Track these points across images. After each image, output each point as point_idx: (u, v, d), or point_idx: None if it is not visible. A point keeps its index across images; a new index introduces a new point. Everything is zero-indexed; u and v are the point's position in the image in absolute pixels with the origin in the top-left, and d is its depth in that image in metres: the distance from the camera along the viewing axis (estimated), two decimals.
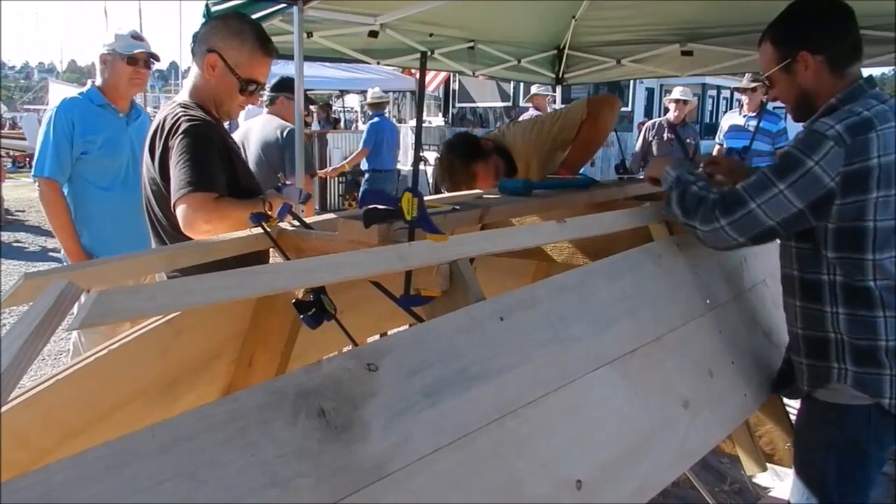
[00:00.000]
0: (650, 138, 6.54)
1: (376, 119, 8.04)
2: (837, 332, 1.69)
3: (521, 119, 6.03)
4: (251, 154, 4.36)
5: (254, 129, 4.44)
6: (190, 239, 1.82)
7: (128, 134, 2.97)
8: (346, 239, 1.51)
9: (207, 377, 1.82)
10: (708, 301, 1.86)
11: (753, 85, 6.07)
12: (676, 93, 6.48)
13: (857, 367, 1.67)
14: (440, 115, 15.82)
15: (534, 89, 7.84)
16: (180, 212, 1.86)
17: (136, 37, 3.04)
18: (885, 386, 1.65)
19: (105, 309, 0.95)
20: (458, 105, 14.66)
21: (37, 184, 2.89)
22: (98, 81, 3.01)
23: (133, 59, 2.97)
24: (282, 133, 4.25)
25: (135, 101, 3.15)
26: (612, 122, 2.78)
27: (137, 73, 3.02)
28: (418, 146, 1.43)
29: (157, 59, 3.10)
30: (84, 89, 3.03)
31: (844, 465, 1.72)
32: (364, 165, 8.04)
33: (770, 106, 7.24)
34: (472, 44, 5.00)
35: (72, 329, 0.99)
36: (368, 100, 8.45)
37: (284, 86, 4.53)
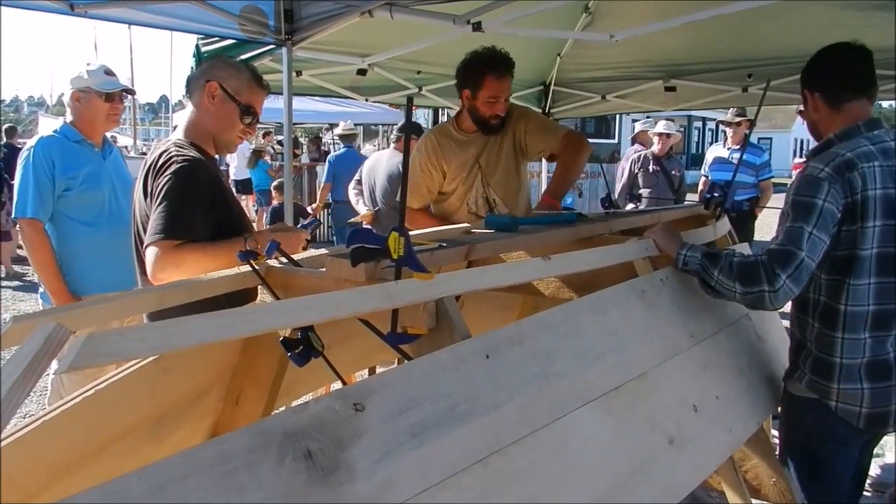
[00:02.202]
0: (636, 170, 6.62)
1: (341, 151, 8.19)
2: (810, 341, 1.98)
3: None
4: (379, 185, 5.35)
5: (381, 161, 5.61)
6: None
7: (106, 168, 2.97)
8: (334, 277, 1.53)
9: (195, 415, 1.81)
10: (692, 336, 1.89)
11: (738, 120, 6.19)
12: (660, 126, 6.57)
13: (812, 374, 1.97)
14: None
15: (639, 126, 7.50)
16: (147, 258, 1.92)
17: (109, 72, 3.01)
18: (831, 394, 1.93)
19: (93, 351, 0.96)
20: None
21: (18, 226, 2.89)
22: (69, 118, 2.98)
23: (110, 95, 2.95)
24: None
25: (105, 135, 3.12)
26: (583, 163, 3.12)
27: (114, 108, 3.00)
28: (404, 187, 1.45)
29: (132, 93, 3.13)
30: (57, 126, 2.98)
31: (804, 445, 2.05)
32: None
33: (754, 139, 7.35)
34: None
35: (60, 373, 1.00)
36: (339, 132, 8.57)
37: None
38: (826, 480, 2.00)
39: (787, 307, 2.01)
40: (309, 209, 10.94)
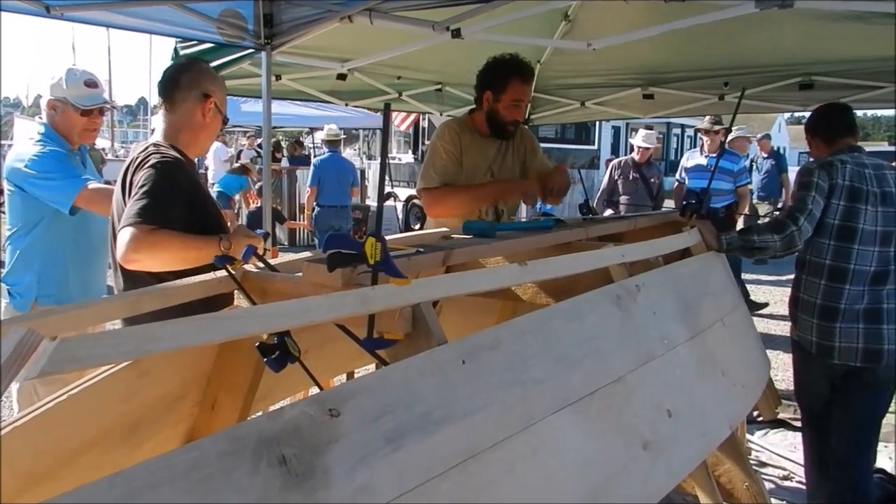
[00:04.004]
0: (616, 177, 6.69)
1: (325, 156, 8.20)
2: (818, 297, 2.72)
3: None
4: None
5: None
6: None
7: (85, 174, 2.90)
8: (311, 282, 1.53)
9: (171, 420, 1.80)
10: (666, 341, 1.91)
11: (716, 128, 6.27)
12: (640, 139, 6.64)
13: (819, 319, 2.71)
14: (409, 152, 15.97)
15: (734, 133, 7.29)
16: (118, 241, 1.86)
17: (91, 83, 2.80)
18: (834, 334, 2.66)
19: (65, 356, 0.95)
20: (427, 143, 14.84)
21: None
22: (45, 119, 2.80)
23: (88, 110, 2.77)
24: None
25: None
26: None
27: (92, 123, 2.83)
28: (381, 191, 1.46)
29: (113, 107, 3.03)
30: (36, 130, 2.79)
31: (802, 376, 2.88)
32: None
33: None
34: (439, 86, 5.10)
35: (30, 378, 0.99)
36: (323, 136, 8.56)
37: None
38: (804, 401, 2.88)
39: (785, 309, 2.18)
40: (293, 222, 10.91)
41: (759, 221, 2.92)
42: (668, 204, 8.05)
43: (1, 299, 2.85)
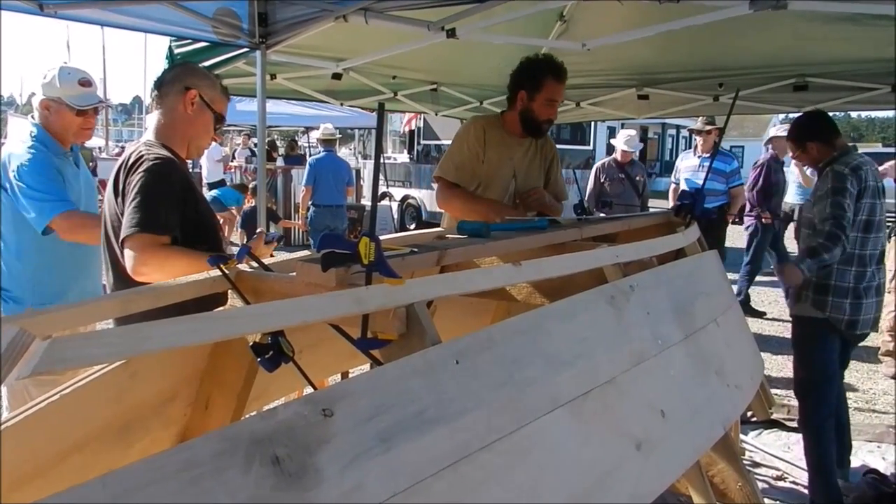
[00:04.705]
0: (602, 179, 6.70)
1: (320, 155, 8.21)
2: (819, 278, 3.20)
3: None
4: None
5: None
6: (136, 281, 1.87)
7: (78, 177, 2.84)
8: (305, 281, 1.53)
9: (163, 420, 1.80)
10: (660, 342, 1.91)
11: (708, 128, 6.28)
12: (622, 142, 6.62)
13: (815, 293, 3.25)
14: (405, 151, 15.96)
15: (772, 132, 7.30)
16: (125, 252, 1.92)
17: (85, 82, 2.76)
18: (826, 305, 3.21)
19: (57, 356, 0.95)
20: (423, 142, 14.83)
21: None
22: (37, 118, 2.76)
23: (83, 110, 2.74)
24: None
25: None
26: None
27: (87, 122, 2.80)
28: (375, 191, 1.46)
29: (108, 106, 3.00)
30: (28, 131, 2.73)
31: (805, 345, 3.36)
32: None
33: (727, 147, 7.41)
34: (434, 86, 5.10)
35: (22, 377, 0.99)
36: (319, 135, 8.57)
37: None
38: (817, 368, 3.25)
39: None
40: (287, 222, 10.93)
41: (810, 237, 3.34)
42: (654, 202, 8.10)
43: None
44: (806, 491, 3.36)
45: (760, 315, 7.12)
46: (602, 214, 6.05)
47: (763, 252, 7.11)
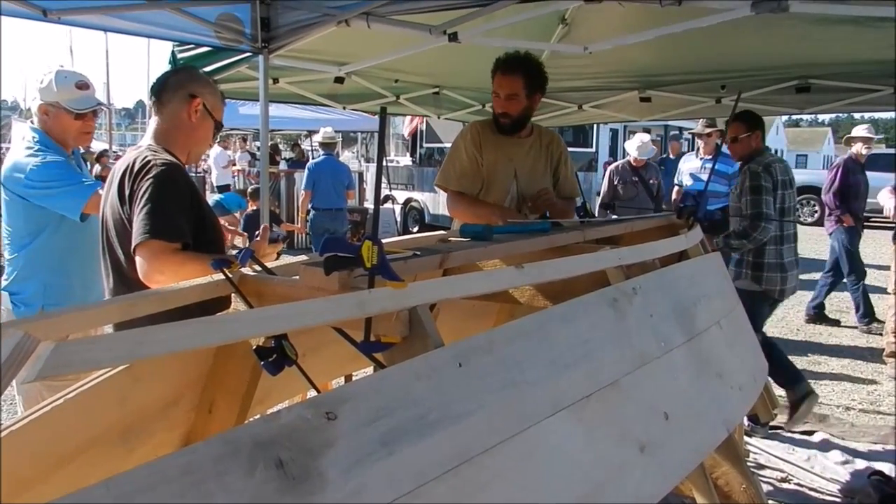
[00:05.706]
0: (616, 182, 6.69)
1: (319, 159, 8.25)
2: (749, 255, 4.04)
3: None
4: None
5: None
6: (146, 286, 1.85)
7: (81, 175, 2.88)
8: (308, 285, 1.53)
9: (166, 424, 1.80)
10: (662, 344, 1.91)
11: (709, 130, 6.28)
12: (634, 149, 6.61)
13: (752, 270, 4.05)
14: (408, 154, 15.98)
15: (854, 131, 6.91)
16: (138, 259, 1.92)
17: (82, 85, 2.76)
18: (762, 280, 3.99)
19: (62, 360, 0.95)
20: (425, 145, 14.85)
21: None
22: (37, 124, 2.77)
23: (81, 114, 2.75)
24: None
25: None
26: None
27: (86, 125, 2.82)
28: (378, 194, 1.46)
29: (107, 107, 3.01)
30: (30, 136, 2.73)
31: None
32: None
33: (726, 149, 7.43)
34: (437, 89, 5.11)
35: (27, 381, 0.99)
36: (319, 139, 8.62)
37: None
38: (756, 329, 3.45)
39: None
40: (289, 225, 10.95)
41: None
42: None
43: (1, 306, 2.84)
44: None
45: (835, 323, 6.72)
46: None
47: (856, 257, 6.55)
